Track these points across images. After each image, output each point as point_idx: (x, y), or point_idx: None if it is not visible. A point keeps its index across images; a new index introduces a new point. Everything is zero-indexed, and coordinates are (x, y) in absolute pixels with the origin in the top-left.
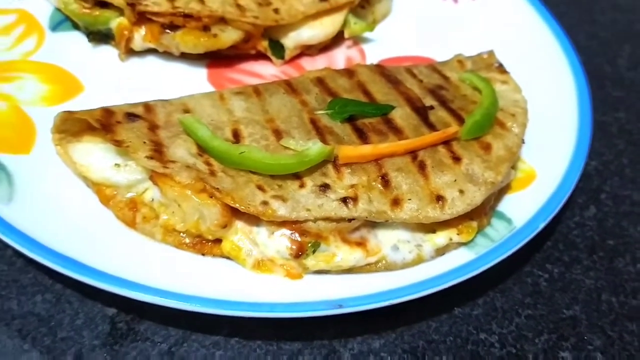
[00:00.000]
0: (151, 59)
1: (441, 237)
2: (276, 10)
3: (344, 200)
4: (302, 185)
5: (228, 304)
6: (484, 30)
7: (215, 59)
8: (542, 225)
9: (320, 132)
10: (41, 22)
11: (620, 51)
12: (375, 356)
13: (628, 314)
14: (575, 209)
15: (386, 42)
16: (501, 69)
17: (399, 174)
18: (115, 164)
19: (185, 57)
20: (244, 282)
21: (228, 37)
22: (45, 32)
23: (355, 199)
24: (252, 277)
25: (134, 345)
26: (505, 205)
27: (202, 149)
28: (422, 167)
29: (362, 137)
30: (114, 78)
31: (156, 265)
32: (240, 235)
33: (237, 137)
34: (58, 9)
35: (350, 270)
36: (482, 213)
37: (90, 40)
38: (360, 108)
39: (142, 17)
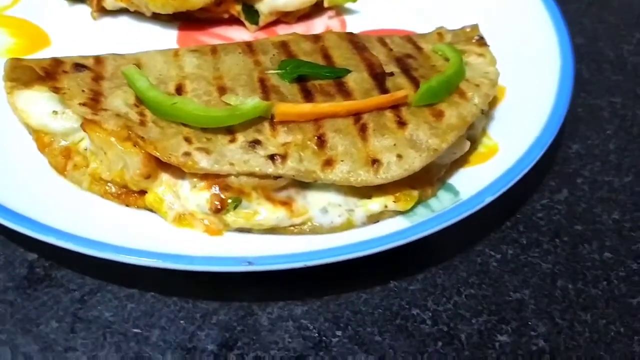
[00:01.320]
0: (123, 19)
1: (375, 204)
2: None
3: (272, 157)
4: (232, 140)
5: (132, 251)
6: (477, 5)
7: (188, 22)
8: (488, 199)
9: (266, 91)
10: None
11: (629, 37)
12: (294, 322)
13: (584, 302)
14: (545, 192)
15: (370, 14)
16: (480, 41)
17: (336, 134)
18: (54, 111)
19: (157, 18)
20: (164, 236)
21: None
22: None
23: (284, 157)
24: (173, 231)
25: (47, 291)
26: (457, 178)
27: (140, 101)
28: (363, 129)
29: (308, 97)
30: (83, 36)
31: (78, 213)
32: (164, 187)
33: (179, 91)
34: None
35: (273, 231)
36: (426, 183)
37: None
38: (313, 70)
39: None
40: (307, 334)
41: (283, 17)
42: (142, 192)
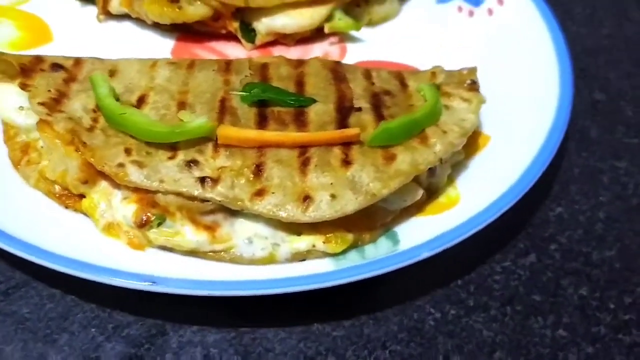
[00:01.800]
0: (126, 25)
1: (303, 242)
2: None
3: (203, 179)
4: (172, 157)
5: (55, 257)
6: (487, 46)
7: (186, 33)
8: (425, 254)
9: (222, 111)
10: None
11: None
12: (202, 349)
13: None
14: (510, 253)
15: (375, 45)
16: (472, 86)
17: (276, 165)
18: (20, 107)
19: (158, 27)
20: (90, 243)
21: (194, 11)
22: None
23: (216, 181)
24: (100, 240)
25: None
26: (404, 227)
27: (98, 107)
28: (305, 163)
29: (262, 123)
30: (85, 36)
31: (16, 210)
32: (99, 195)
33: (140, 102)
34: None
35: (194, 253)
36: (366, 227)
37: None
38: (276, 96)
39: None
40: None
41: (281, 39)
42: (82, 196)
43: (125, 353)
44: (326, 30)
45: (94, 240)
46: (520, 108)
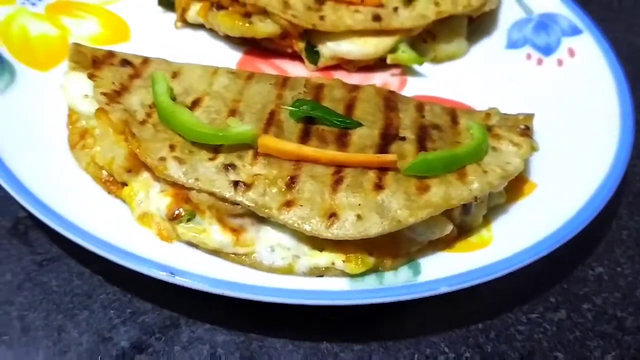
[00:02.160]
0: (200, 34)
1: (324, 258)
2: (322, 17)
3: (236, 183)
4: (212, 159)
5: (87, 236)
6: (551, 96)
7: (254, 48)
8: (443, 289)
9: (269, 123)
10: None
11: None
12: (210, 348)
13: None
14: (539, 306)
15: (436, 81)
16: (524, 132)
17: (309, 180)
18: (85, 95)
19: (229, 39)
20: (124, 229)
21: (263, 28)
22: None
23: (249, 186)
24: (134, 228)
25: (18, 247)
26: (429, 259)
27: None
28: (338, 182)
29: (304, 138)
30: (160, 40)
31: (64, 190)
32: (140, 184)
33: (194, 104)
34: None
35: (216, 253)
36: (390, 254)
37: (159, 3)
38: (323, 115)
39: None
40: None
41: (344, 64)
42: (124, 185)
43: (137, 338)
44: (388, 61)
45: (128, 228)
46: (574, 161)
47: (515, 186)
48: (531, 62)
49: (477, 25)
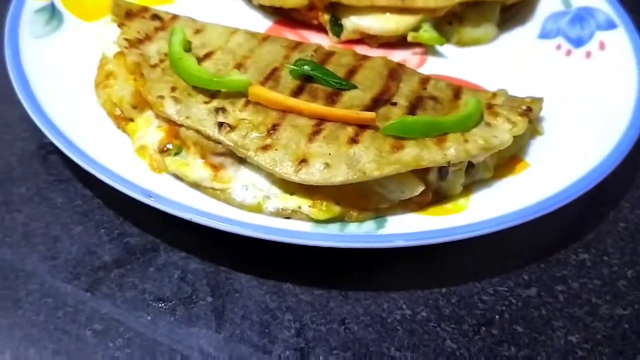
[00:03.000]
0: (237, 2)
1: (292, 201)
2: None
3: (221, 124)
4: (207, 102)
5: (90, 161)
6: (571, 86)
7: (283, 18)
8: (400, 243)
9: (268, 78)
10: None
11: None
12: (181, 273)
13: None
14: (509, 280)
15: (456, 63)
16: (525, 112)
17: (290, 129)
18: (114, 42)
19: (263, 9)
20: (124, 159)
21: None
22: None
23: (233, 128)
24: (132, 159)
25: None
26: (397, 218)
27: None
28: (315, 133)
29: (296, 93)
30: (201, 4)
31: (81, 121)
32: (143, 121)
33: (206, 56)
34: None
35: (196, 186)
36: (357, 206)
37: None
38: (321, 75)
39: None
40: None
41: (366, 39)
42: (132, 120)
43: (118, 256)
44: (409, 38)
45: (128, 158)
46: (574, 149)
47: (508, 164)
48: (560, 52)
49: (514, 13)
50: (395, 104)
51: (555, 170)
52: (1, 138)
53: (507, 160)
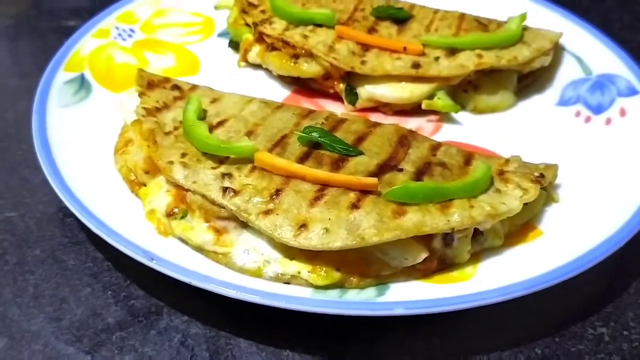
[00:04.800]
0: (258, 73)
1: (291, 266)
2: (363, 62)
3: (225, 189)
4: (214, 168)
5: (101, 225)
6: (591, 153)
7: (301, 88)
8: (398, 311)
9: (276, 145)
10: (215, 28)
11: None
12: (182, 337)
13: None
14: (521, 354)
15: (472, 131)
16: (537, 179)
17: (292, 194)
18: (134, 110)
19: (281, 79)
20: (134, 223)
21: (308, 68)
22: (212, 35)
23: (237, 193)
24: (142, 223)
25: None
26: (400, 285)
27: None
28: (317, 198)
29: (302, 159)
30: (224, 75)
31: (97, 185)
32: (154, 185)
33: (219, 124)
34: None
35: (200, 250)
36: (358, 272)
37: (229, 45)
38: (328, 142)
39: (261, 38)
40: None
41: (381, 107)
42: (144, 185)
43: (122, 318)
44: (423, 106)
45: (138, 222)
46: (589, 218)
47: (520, 232)
48: (579, 119)
49: (532, 81)
50: (401, 169)
51: (569, 238)
52: (23, 201)
53: (520, 228)
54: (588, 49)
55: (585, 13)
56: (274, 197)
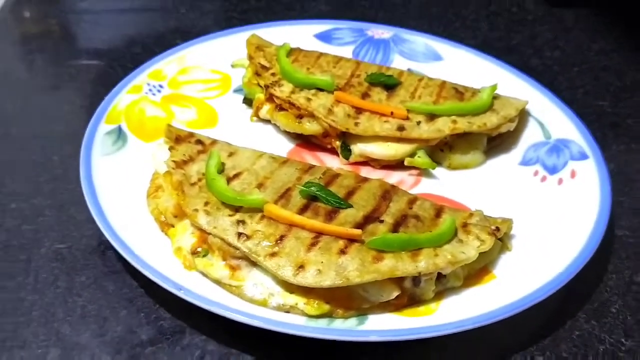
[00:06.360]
0: (267, 127)
1: (291, 299)
2: (356, 124)
3: (240, 234)
4: (231, 215)
5: (137, 259)
6: (543, 209)
7: (305, 142)
8: (373, 338)
9: (281, 196)
10: (232, 84)
11: None
12: (201, 353)
13: None
14: None
15: (446, 184)
16: (493, 232)
17: (294, 240)
18: (164, 161)
19: (287, 134)
20: (164, 258)
21: (310, 127)
22: (229, 91)
23: (249, 238)
24: (170, 258)
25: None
26: (377, 317)
27: None
28: (313, 244)
29: (302, 210)
30: (238, 128)
31: (133, 224)
32: (181, 227)
33: (235, 177)
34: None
35: (218, 283)
36: (343, 305)
37: (243, 102)
38: (324, 195)
39: (271, 98)
40: None
41: (370, 161)
42: (172, 226)
43: (153, 336)
44: (405, 163)
45: (167, 257)
46: (538, 265)
47: (477, 275)
48: (536, 178)
49: (499, 143)
50: (382, 221)
51: (517, 282)
52: (71, 235)
53: (477, 272)
54: (549, 115)
55: (554, 78)
56: (278, 242)
